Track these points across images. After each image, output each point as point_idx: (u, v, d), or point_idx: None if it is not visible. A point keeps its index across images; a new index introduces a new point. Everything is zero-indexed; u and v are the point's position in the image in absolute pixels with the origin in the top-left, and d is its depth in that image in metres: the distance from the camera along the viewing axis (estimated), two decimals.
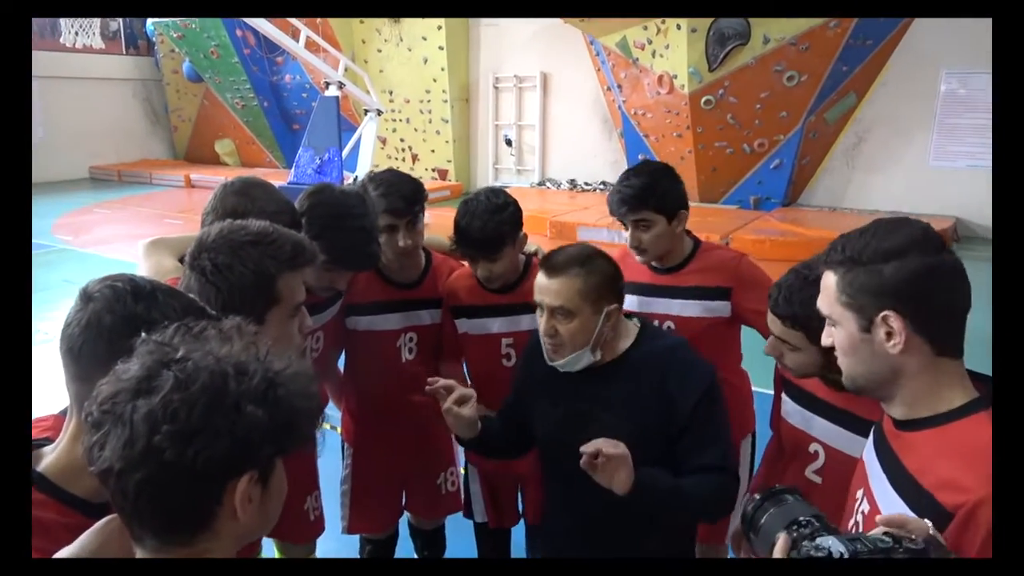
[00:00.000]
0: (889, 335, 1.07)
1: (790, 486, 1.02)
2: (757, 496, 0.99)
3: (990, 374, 1.13)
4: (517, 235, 2.07)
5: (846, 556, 0.82)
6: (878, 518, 0.94)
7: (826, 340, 1.18)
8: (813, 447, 1.57)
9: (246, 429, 0.77)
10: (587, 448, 1.39)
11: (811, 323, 1.18)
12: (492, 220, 1.99)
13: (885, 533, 0.88)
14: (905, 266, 1.07)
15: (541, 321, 1.60)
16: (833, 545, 0.83)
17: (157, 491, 0.76)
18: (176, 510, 0.78)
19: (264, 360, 0.82)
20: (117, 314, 0.98)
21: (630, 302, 2.16)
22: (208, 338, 0.83)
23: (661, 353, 1.61)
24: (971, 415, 1.07)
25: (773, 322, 1.56)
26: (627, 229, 2.10)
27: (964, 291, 1.10)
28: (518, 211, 2.07)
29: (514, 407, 1.84)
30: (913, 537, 0.86)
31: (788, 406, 1.65)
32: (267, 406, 0.79)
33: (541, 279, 1.60)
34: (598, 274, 1.58)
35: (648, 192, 2.04)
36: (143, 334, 0.84)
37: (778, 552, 0.88)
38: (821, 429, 1.56)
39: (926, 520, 0.94)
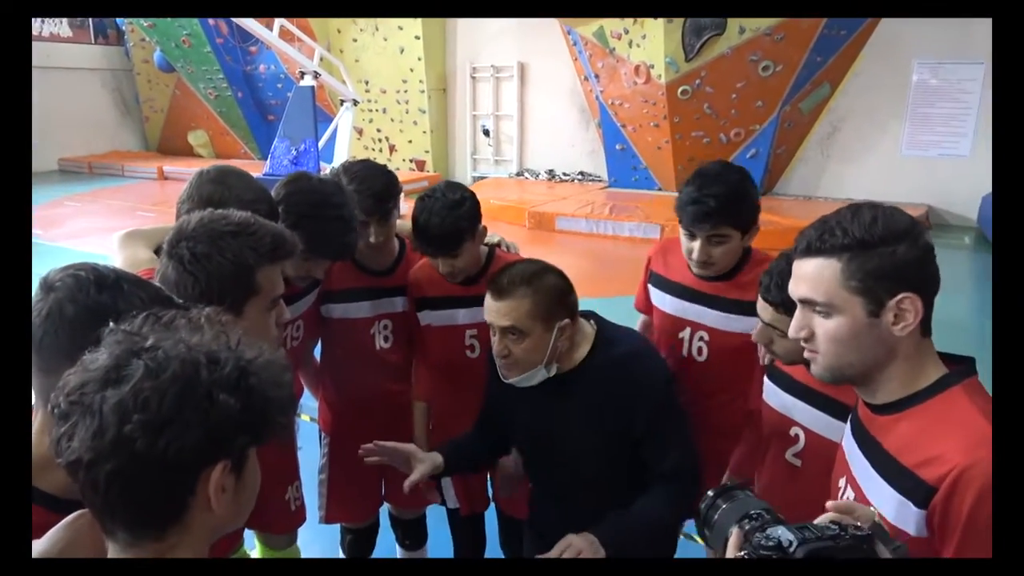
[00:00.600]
0: (897, 318, 1.08)
1: (740, 483, 1.04)
2: (710, 494, 1.01)
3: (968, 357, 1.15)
4: (476, 229, 2.03)
5: (795, 544, 0.83)
6: (828, 504, 0.95)
7: (799, 332, 1.15)
8: (794, 430, 1.58)
9: (219, 418, 0.76)
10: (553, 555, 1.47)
11: None
12: (450, 216, 1.94)
13: (832, 521, 0.90)
14: (914, 247, 1.08)
15: (494, 341, 1.61)
16: (783, 534, 0.85)
17: (128, 482, 0.74)
18: (148, 501, 0.76)
19: (235, 349, 0.81)
20: (80, 304, 0.96)
21: (662, 301, 2.11)
22: (178, 327, 0.81)
23: (616, 363, 1.62)
24: (946, 390, 1.09)
25: (764, 309, 1.56)
26: (692, 239, 1.90)
27: None
28: (475, 205, 2.03)
29: (489, 416, 1.87)
30: (859, 524, 0.88)
31: (769, 389, 1.66)
32: (240, 395, 0.78)
33: (489, 301, 1.59)
34: (546, 291, 1.57)
35: (732, 206, 1.84)
36: (111, 323, 0.82)
37: (732, 545, 0.90)
38: (802, 413, 1.57)
39: (872, 508, 0.96)
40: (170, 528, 0.79)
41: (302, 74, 9.26)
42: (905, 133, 9.74)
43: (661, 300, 2.12)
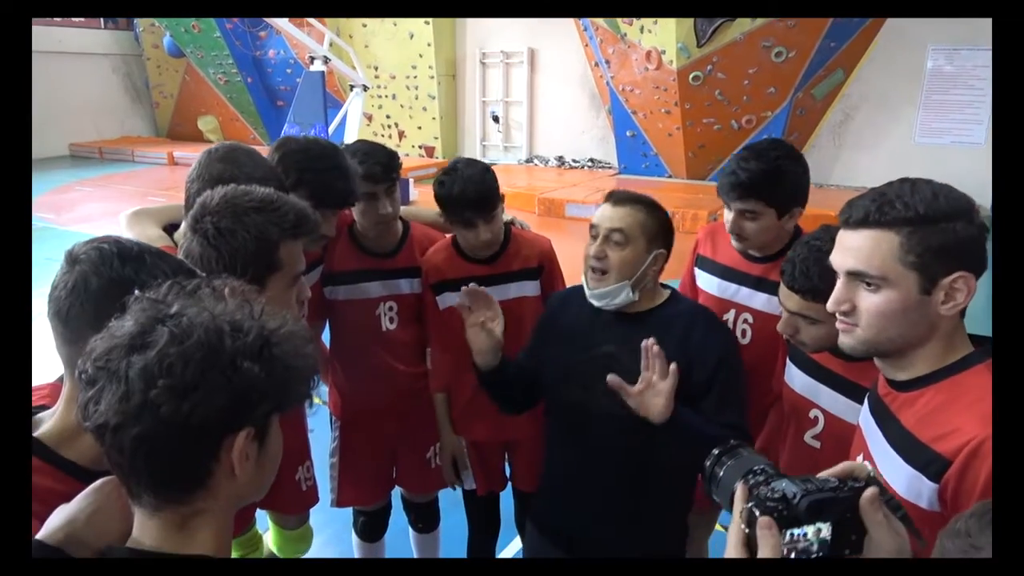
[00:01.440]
0: (947, 296, 1.07)
1: (743, 441, 1.05)
2: (715, 452, 1.01)
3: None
4: (501, 198, 2.10)
5: (799, 496, 0.86)
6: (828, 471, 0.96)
7: (840, 304, 1.13)
8: (813, 413, 1.58)
9: (242, 385, 0.77)
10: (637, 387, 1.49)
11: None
12: (483, 180, 2.03)
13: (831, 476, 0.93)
14: (971, 225, 1.07)
15: (592, 247, 1.64)
16: (787, 487, 0.87)
17: (153, 446, 0.75)
18: (173, 466, 0.78)
19: (258, 318, 0.82)
20: (104, 277, 0.97)
21: (708, 283, 2.11)
22: (202, 296, 0.82)
23: (686, 313, 1.67)
24: (970, 367, 1.09)
25: (789, 298, 1.54)
26: (729, 211, 1.94)
27: None
28: (496, 177, 2.11)
29: (528, 359, 1.86)
30: (857, 477, 0.91)
31: (792, 371, 1.66)
32: (263, 363, 0.79)
33: (605, 208, 1.66)
34: (659, 218, 1.65)
35: (765, 182, 1.83)
36: (136, 291, 0.83)
37: (737, 499, 0.92)
38: (823, 396, 1.57)
39: (866, 463, 0.97)
40: (196, 493, 0.80)
41: (312, 59, 9.23)
42: (919, 120, 9.66)
43: (708, 282, 2.12)
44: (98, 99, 15.12)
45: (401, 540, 2.60)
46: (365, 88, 9.54)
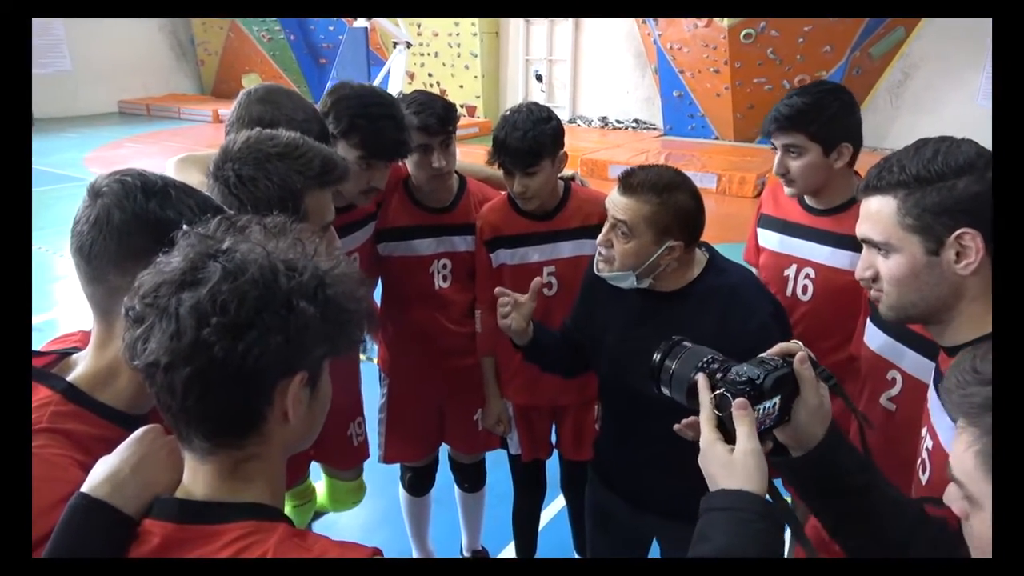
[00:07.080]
0: (959, 255, 1.04)
1: (679, 337, 1.10)
2: (656, 357, 1.08)
3: None
4: (557, 152, 2.00)
5: (762, 376, 0.96)
6: (769, 351, 1.03)
7: (865, 271, 1.15)
8: (891, 374, 1.51)
9: (298, 326, 0.73)
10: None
11: None
12: (533, 130, 1.94)
13: (775, 355, 1.03)
14: (979, 181, 1.03)
15: (600, 233, 1.58)
16: (748, 371, 0.97)
17: (206, 388, 0.71)
18: (226, 409, 0.74)
19: (312, 258, 0.77)
20: (127, 211, 0.92)
21: (769, 239, 2.07)
22: (252, 233, 0.78)
23: (725, 288, 1.58)
24: None
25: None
26: (776, 152, 1.91)
27: None
28: (560, 128, 2.01)
29: (572, 331, 1.82)
30: (794, 354, 1.01)
31: (871, 331, 1.59)
32: (318, 304, 0.74)
33: (615, 193, 1.57)
34: (672, 207, 1.51)
35: (805, 114, 1.81)
36: (184, 227, 0.79)
37: (703, 388, 0.98)
38: (903, 357, 1.51)
39: (798, 342, 1.05)
40: (249, 437, 0.77)
41: None
42: (984, 81, 9.22)
43: (768, 239, 2.07)
44: (145, 57, 15.29)
45: (447, 494, 2.63)
46: (408, 45, 9.47)
